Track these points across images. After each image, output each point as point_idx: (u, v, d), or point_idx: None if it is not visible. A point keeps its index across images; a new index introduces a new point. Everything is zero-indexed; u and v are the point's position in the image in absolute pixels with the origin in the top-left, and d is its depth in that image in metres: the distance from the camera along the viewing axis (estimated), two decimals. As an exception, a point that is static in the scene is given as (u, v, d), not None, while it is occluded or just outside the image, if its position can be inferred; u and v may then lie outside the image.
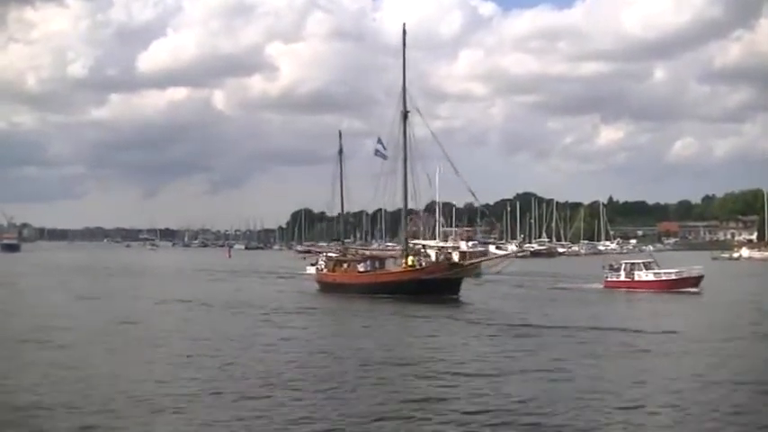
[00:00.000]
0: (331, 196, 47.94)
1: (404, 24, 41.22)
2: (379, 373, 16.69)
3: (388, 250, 46.73)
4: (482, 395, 14.34)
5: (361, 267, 40.24)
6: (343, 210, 48.87)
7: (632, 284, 37.83)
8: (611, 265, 39.78)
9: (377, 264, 40.73)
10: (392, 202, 43.16)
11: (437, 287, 35.39)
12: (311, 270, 45.25)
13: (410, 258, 39.20)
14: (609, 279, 39.28)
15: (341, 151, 47.14)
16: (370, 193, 43.37)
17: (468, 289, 36.77)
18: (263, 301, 35.38)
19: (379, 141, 41.76)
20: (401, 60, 40.23)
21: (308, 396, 14.35)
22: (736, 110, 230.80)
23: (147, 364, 17.98)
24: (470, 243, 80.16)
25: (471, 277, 40.20)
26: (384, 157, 42.24)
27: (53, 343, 21.34)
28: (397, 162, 40.83)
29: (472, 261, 40.29)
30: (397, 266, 39.44)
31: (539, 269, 57.72)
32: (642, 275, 37.95)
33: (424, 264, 39.16)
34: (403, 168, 40.39)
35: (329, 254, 45.84)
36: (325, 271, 43.55)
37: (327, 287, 41.62)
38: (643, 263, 39.05)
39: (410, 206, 41.99)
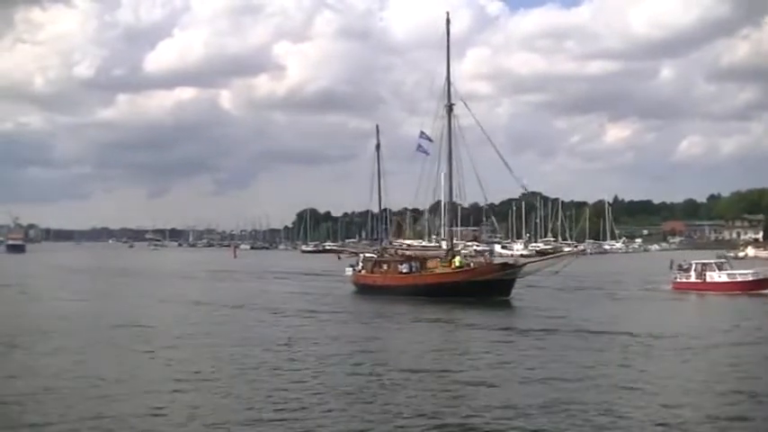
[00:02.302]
0: (368, 194, 46.18)
1: (447, 13, 39.82)
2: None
3: (430, 250, 44.76)
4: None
5: (403, 268, 38.38)
6: (381, 206, 46.95)
7: (704, 286, 35.78)
8: (679, 266, 37.68)
9: (419, 264, 38.95)
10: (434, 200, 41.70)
11: (488, 289, 33.72)
12: (350, 271, 43.38)
13: (458, 259, 37.50)
14: (678, 280, 37.35)
15: (378, 146, 45.09)
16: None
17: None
18: (298, 305, 33.30)
19: (423, 135, 39.82)
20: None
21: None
22: (742, 108, 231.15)
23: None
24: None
25: None
26: (426, 152, 40.53)
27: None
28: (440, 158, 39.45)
29: (526, 262, 38.41)
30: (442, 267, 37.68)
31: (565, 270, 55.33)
32: (715, 277, 35.91)
33: (472, 264, 37.48)
34: (448, 163, 38.88)
35: (366, 254, 44.07)
36: (363, 272, 41.65)
37: (365, 289, 39.62)
38: (715, 263, 36.98)
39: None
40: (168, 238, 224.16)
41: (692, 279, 36.60)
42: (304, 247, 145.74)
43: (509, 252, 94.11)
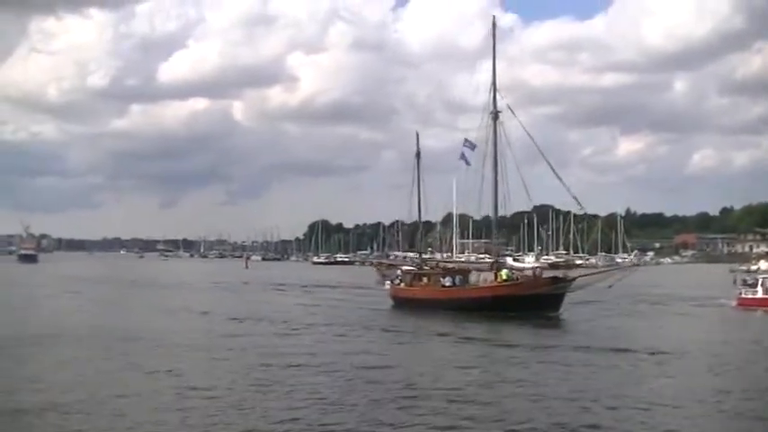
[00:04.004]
0: (407, 204, 44.40)
1: (494, 17, 38.90)
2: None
3: (473, 263, 43.15)
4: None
5: (446, 281, 36.77)
6: (420, 217, 45.08)
7: None
8: (744, 281, 36.13)
9: (462, 278, 37.32)
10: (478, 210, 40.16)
11: (537, 303, 32.12)
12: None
13: (504, 272, 35.91)
14: (743, 296, 35.61)
15: (418, 154, 43.35)
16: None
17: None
18: (324, 319, 31.76)
19: (467, 143, 38.35)
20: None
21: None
22: (755, 122, 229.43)
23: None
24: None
25: None
26: (467, 162, 39.05)
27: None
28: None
29: (576, 276, 36.67)
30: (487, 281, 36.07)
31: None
32: None
33: (519, 278, 35.89)
34: (493, 173, 37.35)
35: (405, 267, 42.44)
36: (402, 285, 40.00)
37: (404, 303, 37.90)
38: (784, 278, 35.59)
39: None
40: (180, 249, 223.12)
41: (759, 295, 34.88)
42: (315, 259, 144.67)
43: (521, 265, 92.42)
